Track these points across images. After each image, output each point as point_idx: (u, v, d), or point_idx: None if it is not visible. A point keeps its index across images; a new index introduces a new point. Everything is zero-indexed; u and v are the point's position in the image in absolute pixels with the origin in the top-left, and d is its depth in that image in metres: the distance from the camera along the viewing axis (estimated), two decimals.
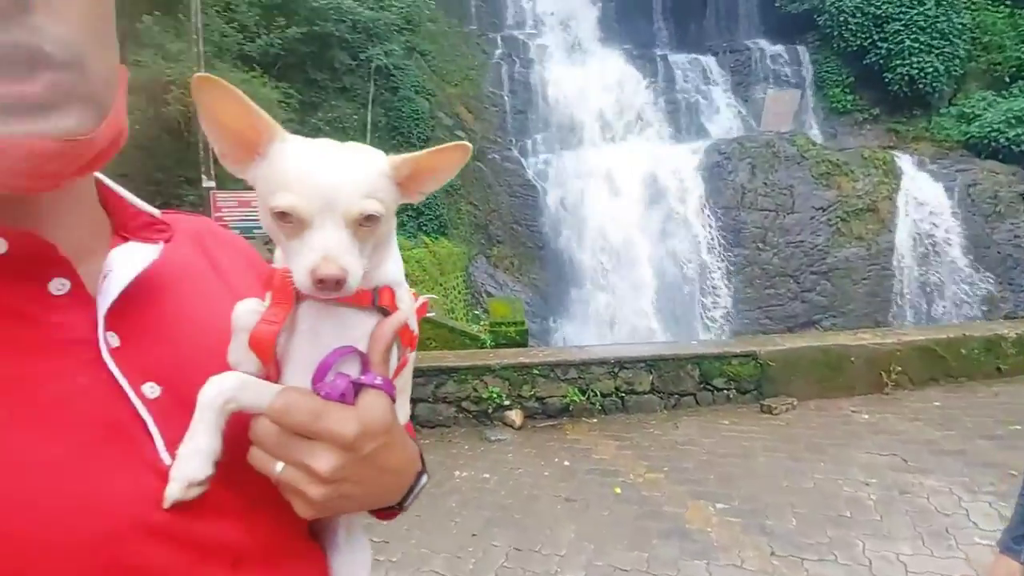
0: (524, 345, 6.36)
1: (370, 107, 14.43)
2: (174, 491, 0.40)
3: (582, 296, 14.77)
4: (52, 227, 0.42)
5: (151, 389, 0.43)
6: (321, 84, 14.45)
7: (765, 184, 15.18)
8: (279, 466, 0.43)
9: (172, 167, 11.08)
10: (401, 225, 13.53)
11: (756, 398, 5.14)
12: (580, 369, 5.19)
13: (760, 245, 14.91)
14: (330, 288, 0.41)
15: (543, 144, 16.57)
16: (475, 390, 5.09)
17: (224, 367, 0.45)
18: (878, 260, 14.27)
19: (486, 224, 15.11)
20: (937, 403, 4.93)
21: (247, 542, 0.44)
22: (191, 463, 0.41)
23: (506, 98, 16.78)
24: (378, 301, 0.46)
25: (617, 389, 5.23)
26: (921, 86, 15.51)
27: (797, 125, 17.14)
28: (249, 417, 0.44)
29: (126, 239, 0.49)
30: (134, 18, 11.17)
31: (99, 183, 0.49)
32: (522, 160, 15.90)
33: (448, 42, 17.15)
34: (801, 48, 18.05)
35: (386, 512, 0.54)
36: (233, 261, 0.58)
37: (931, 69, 15.28)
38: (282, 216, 0.41)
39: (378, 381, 0.45)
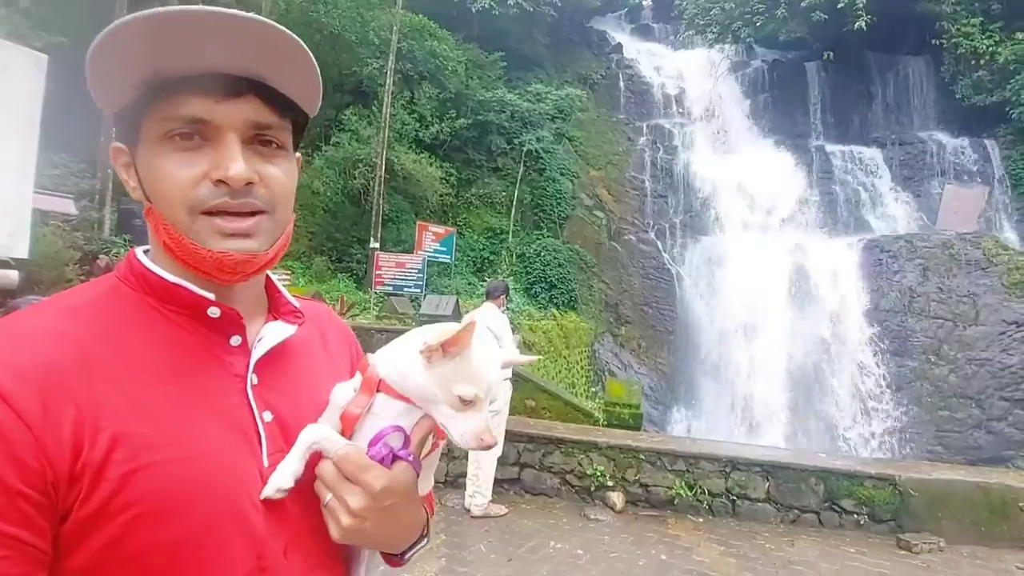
0: (637, 429, 6.31)
1: (518, 186, 15.75)
2: (268, 492, 0.59)
3: (713, 391, 13.90)
4: (237, 301, 0.64)
5: (267, 415, 0.63)
6: (478, 164, 16.18)
7: (940, 289, 13.46)
8: (328, 496, 0.61)
9: (349, 229, 13.04)
10: (533, 296, 14.22)
11: (893, 530, 4.54)
12: (688, 462, 5.05)
13: (932, 358, 13.04)
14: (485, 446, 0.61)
15: (682, 229, 16.53)
16: (580, 465, 5.19)
17: (315, 412, 0.65)
18: None
19: (616, 303, 15.20)
20: None
21: (296, 539, 0.62)
22: (282, 476, 0.59)
23: (647, 183, 17.19)
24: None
25: (728, 491, 4.98)
26: None
27: (983, 226, 15.13)
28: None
29: (276, 318, 0.70)
30: (340, 109, 13.72)
31: (268, 279, 0.71)
32: (658, 243, 15.96)
33: (596, 129, 18.28)
34: (990, 142, 16.24)
35: (390, 560, 0.70)
36: (337, 339, 0.79)
37: None
38: (462, 398, 0.60)
39: (409, 457, 0.62)
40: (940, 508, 4.50)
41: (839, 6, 16.13)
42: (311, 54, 0.61)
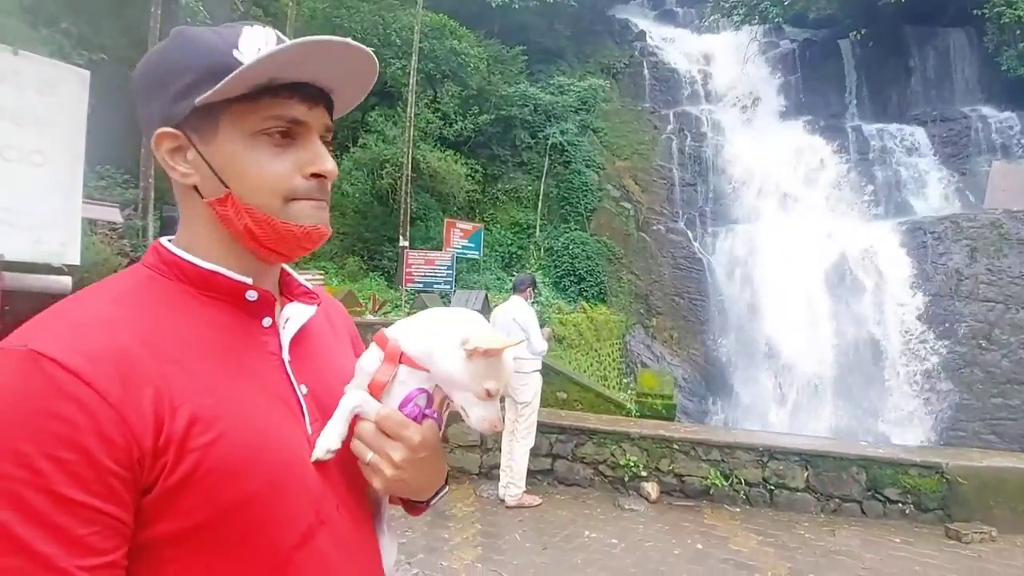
0: (670, 419, 6.26)
1: (543, 179, 15.69)
2: (318, 453, 0.66)
3: (750, 383, 13.59)
4: (266, 285, 0.71)
5: (303, 388, 0.70)
6: (503, 159, 16.17)
7: (989, 271, 12.85)
8: (370, 455, 0.68)
9: (379, 228, 13.25)
10: (563, 289, 14.18)
11: (940, 519, 4.40)
12: (724, 452, 4.99)
13: (983, 343, 12.46)
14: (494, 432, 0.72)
15: (712, 217, 16.18)
16: (613, 455, 5.18)
17: (338, 383, 0.72)
18: None
19: (647, 295, 15.00)
20: None
21: (343, 497, 0.70)
22: (329, 438, 0.67)
23: (675, 171, 16.88)
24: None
25: (765, 480, 4.90)
26: None
27: None
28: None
29: (291, 300, 0.76)
30: (366, 111, 13.93)
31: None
32: (688, 232, 15.67)
33: (621, 119, 18.02)
34: None
35: (416, 508, 0.80)
36: (339, 319, 0.88)
37: None
38: (488, 392, 0.69)
39: (435, 415, 0.71)
40: (991, 496, 4.33)
41: None
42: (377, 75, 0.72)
